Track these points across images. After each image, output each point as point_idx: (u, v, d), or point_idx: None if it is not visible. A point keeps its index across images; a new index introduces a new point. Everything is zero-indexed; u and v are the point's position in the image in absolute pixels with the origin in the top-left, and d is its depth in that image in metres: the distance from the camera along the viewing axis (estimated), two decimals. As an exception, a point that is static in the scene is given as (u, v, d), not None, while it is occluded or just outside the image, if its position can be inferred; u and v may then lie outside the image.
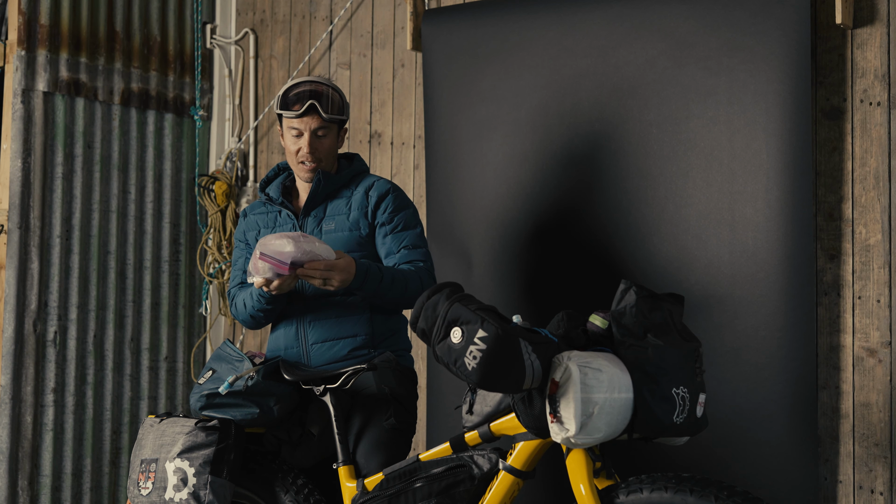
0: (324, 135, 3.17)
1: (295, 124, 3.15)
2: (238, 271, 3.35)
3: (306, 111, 3.13)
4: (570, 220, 3.61)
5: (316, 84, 3.17)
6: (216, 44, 4.92)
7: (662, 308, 2.62)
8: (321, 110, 3.12)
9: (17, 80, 4.29)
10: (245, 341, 4.77)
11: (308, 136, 3.15)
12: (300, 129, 3.15)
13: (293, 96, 3.15)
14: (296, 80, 3.22)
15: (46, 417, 4.30)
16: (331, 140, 3.19)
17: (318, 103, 3.12)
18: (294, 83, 3.19)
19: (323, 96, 3.14)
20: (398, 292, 3.07)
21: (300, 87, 3.16)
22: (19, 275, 4.25)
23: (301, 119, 3.14)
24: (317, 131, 3.16)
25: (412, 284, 3.09)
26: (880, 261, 3.20)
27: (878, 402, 3.19)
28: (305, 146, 3.15)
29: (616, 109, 3.52)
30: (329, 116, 3.13)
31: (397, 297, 3.08)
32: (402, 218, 3.20)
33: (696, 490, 2.43)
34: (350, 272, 2.99)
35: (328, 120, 3.14)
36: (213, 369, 3.13)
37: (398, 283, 3.08)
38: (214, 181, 4.75)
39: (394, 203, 3.20)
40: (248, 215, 3.36)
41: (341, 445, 3.01)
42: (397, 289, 3.07)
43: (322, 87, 3.16)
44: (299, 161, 3.19)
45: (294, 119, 3.15)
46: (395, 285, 3.07)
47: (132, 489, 3.07)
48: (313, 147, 3.16)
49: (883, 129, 3.21)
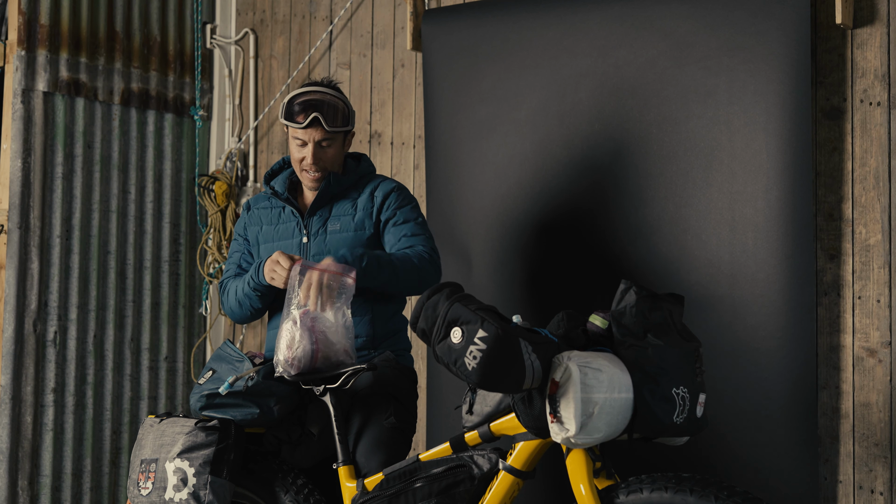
0: (328, 145, 3.16)
1: (299, 135, 3.14)
2: (233, 265, 3.35)
3: (310, 124, 3.11)
4: (570, 219, 3.61)
5: (321, 94, 3.14)
6: (216, 44, 4.93)
7: (662, 308, 2.62)
8: (325, 123, 3.11)
9: (17, 80, 4.29)
10: (245, 341, 4.77)
11: (312, 147, 3.14)
12: (304, 139, 3.14)
13: (297, 106, 3.13)
14: (300, 89, 3.18)
15: (46, 417, 4.30)
16: (335, 149, 3.19)
17: (322, 116, 3.10)
18: (298, 92, 3.16)
19: (327, 107, 3.12)
20: (401, 279, 3.06)
21: (304, 97, 3.13)
22: (19, 275, 4.25)
23: (305, 130, 3.13)
24: (321, 142, 3.15)
25: (405, 265, 3.08)
26: (880, 261, 3.20)
27: (878, 402, 3.19)
28: (310, 156, 3.15)
29: (616, 109, 3.52)
30: (333, 129, 3.13)
31: (400, 283, 3.07)
32: (403, 212, 3.21)
33: (696, 490, 2.42)
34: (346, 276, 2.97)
35: (332, 132, 3.14)
36: (213, 369, 3.13)
37: (385, 267, 3.05)
38: (214, 181, 4.75)
39: (396, 200, 3.21)
40: (252, 209, 3.36)
41: (341, 445, 3.01)
42: (399, 276, 3.06)
43: (326, 97, 3.13)
44: (303, 169, 3.19)
45: (298, 130, 3.14)
46: (395, 274, 3.06)
47: (132, 489, 3.07)
48: (317, 157, 3.15)
49: (883, 129, 3.21)
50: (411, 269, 3.09)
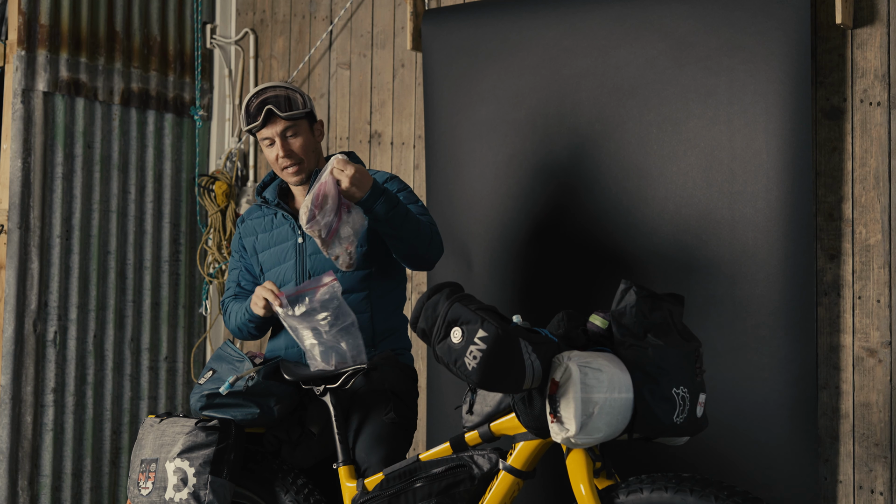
0: (293, 134, 3.17)
1: (264, 134, 3.16)
2: (232, 283, 3.36)
3: (265, 118, 3.14)
4: (571, 219, 3.61)
5: (268, 90, 3.17)
6: (216, 44, 4.92)
7: (662, 308, 2.62)
8: (279, 112, 3.12)
9: (17, 80, 4.29)
10: (245, 341, 4.77)
11: (279, 141, 3.16)
12: (270, 136, 3.16)
13: (252, 110, 3.16)
14: (249, 94, 3.21)
15: (46, 417, 4.30)
16: (304, 137, 3.19)
17: (275, 107, 3.13)
18: (248, 99, 3.19)
19: (277, 99, 3.14)
20: (413, 229, 3.04)
21: (255, 100, 3.17)
22: (19, 275, 4.25)
23: (266, 128, 3.15)
24: (285, 133, 3.16)
25: (424, 228, 3.08)
26: (880, 261, 3.20)
27: (878, 402, 3.19)
28: (280, 150, 3.16)
29: (616, 109, 3.52)
30: (288, 115, 3.14)
31: (412, 234, 3.05)
32: (405, 193, 3.21)
33: (696, 490, 2.43)
34: (366, 178, 2.95)
35: (290, 118, 3.15)
36: (213, 369, 3.13)
37: (411, 217, 3.05)
38: (214, 181, 4.75)
39: (395, 186, 3.22)
40: (246, 221, 3.37)
41: (341, 445, 3.01)
42: (411, 223, 3.04)
43: (275, 91, 3.16)
44: (281, 168, 3.19)
45: (262, 130, 3.16)
46: (409, 218, 3.04)
47: (132, 489, 3.07)
48: (286, 149, 3.16)
49: (883, 129, 3.21)
50: (425, 226, 3.09)
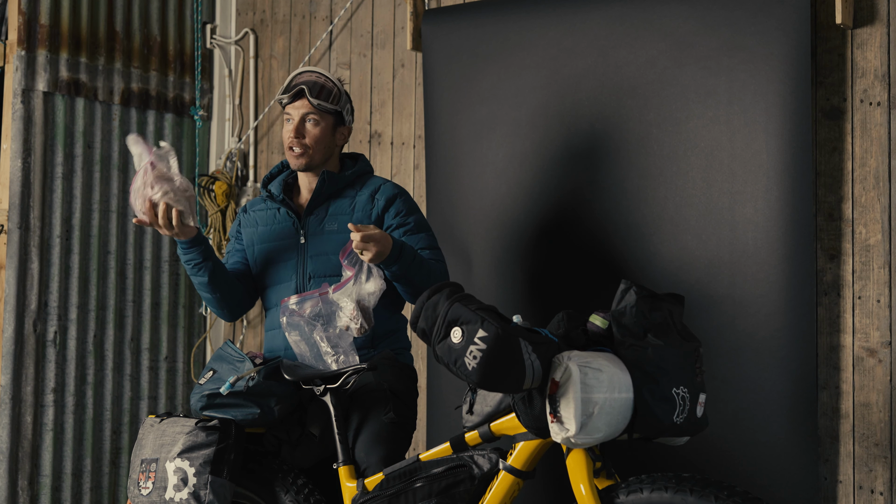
0: (314, 122, 3.18)
1: (288, 110, 3.21)
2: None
3: (295, 96, 3.18)
4: (571, 219, 3.61)
5: (312, 74, 3.21)
6: (216, 44, 4.93)
7: (662, 308, 2.62)
8: (309, 96, 3.15)
9: (17, 80, 4.29)
10: (245, 342, 4.77)
11: (296, 121, 3.18)
12: (292, 114, 3.20)
13: (291, 84, 3.21)
14: (298, 70, 3.26)
15: (46, 417, 4.30)
16: (322, 131, 3.20)
17: (308, 89, 3.16)
18: (296, 73, 3.23)
19: (315, 83, 3.18)
20: (424, 276, 3.08)
21: (297, 77, 3.21)
22: (19, 275, 4.25)
23: (292, 105, 3.19)
24: (306, 116, 3.18)
25: (434, 275, 3.11)
26: (880, 261, 3.20)
27: (878, 402, 3.19)
28: (292, 130, 3.18)
29: (616, 109, 3.52)
30: (317, 102, 3.15)
31: (423, 283, 3.07)
32: (415, 219, 3.23)
33: (696, 490, 2.43)
34: (386, 245, 2.98)
35: (317, 107, 3.16)
36: (213, 369, 3.13)
37: (424, 267, 3.09)
38: (214, 181, 4.75)
39: (405, 206, 3.23)
40: (249, 211, 3.37)
41: (341, 445, 3.01)
42: (423, 273, 3.08)
43: (318, 77, 3.20)
44: (288, 146, 3.21)
45: (287, 106, 3.20)
46: (422, 268, 3.08)
47: (132, 489, 3.07)
48: (299, 132, 3.18)
49: (883, 129, 3.21)
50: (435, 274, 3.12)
